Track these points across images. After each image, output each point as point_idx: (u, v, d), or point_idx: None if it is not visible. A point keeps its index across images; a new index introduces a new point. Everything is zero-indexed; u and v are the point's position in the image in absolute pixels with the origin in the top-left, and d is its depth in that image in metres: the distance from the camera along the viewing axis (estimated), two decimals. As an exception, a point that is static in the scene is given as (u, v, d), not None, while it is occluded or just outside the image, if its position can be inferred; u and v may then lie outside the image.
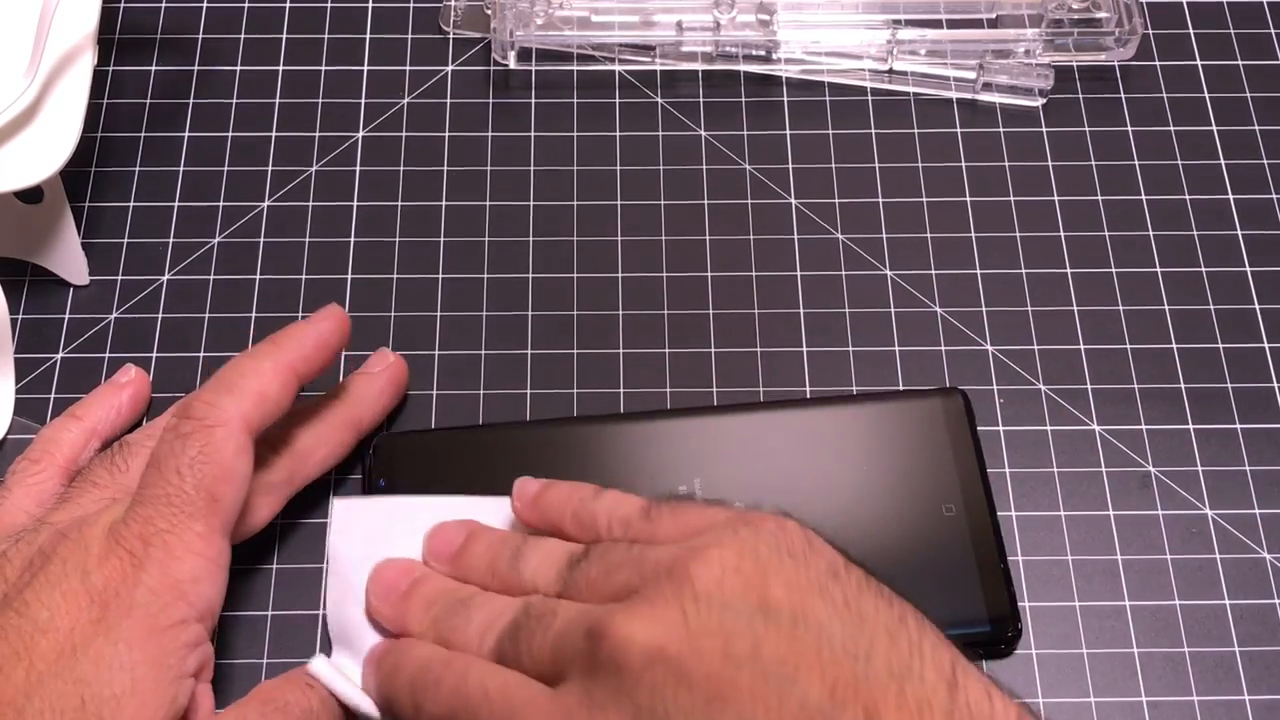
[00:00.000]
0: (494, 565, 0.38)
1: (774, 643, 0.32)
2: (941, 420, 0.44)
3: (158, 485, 0.36)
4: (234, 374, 0.38)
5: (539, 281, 0.48)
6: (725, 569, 0.33)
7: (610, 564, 0.35)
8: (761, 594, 0.32)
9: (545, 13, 0.52)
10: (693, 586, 0.32)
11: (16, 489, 0.40)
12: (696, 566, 0.33)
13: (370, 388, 0.44)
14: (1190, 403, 0.46)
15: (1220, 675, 0.41)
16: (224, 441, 0.36)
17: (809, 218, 0.49)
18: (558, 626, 0.34)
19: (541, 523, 0.39)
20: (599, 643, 0.32)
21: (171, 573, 0.35)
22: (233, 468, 0.36)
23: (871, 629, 0.32)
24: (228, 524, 0.37)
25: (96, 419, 0.42)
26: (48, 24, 0.44)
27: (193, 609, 0.35)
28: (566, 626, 0.34)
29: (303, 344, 0.39)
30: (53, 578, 0.35)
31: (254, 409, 0.37)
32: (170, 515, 0.35)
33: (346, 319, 0.41)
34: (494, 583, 0.38)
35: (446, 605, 0.38)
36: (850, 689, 0.31)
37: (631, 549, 0.35)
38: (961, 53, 0.52)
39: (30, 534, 0.37)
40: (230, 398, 0.37)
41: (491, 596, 0.37)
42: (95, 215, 0.49)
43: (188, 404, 0.37)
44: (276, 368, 0.38)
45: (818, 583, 0.33)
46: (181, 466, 0.36)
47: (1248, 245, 0.49)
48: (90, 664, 0.34)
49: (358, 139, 0.51)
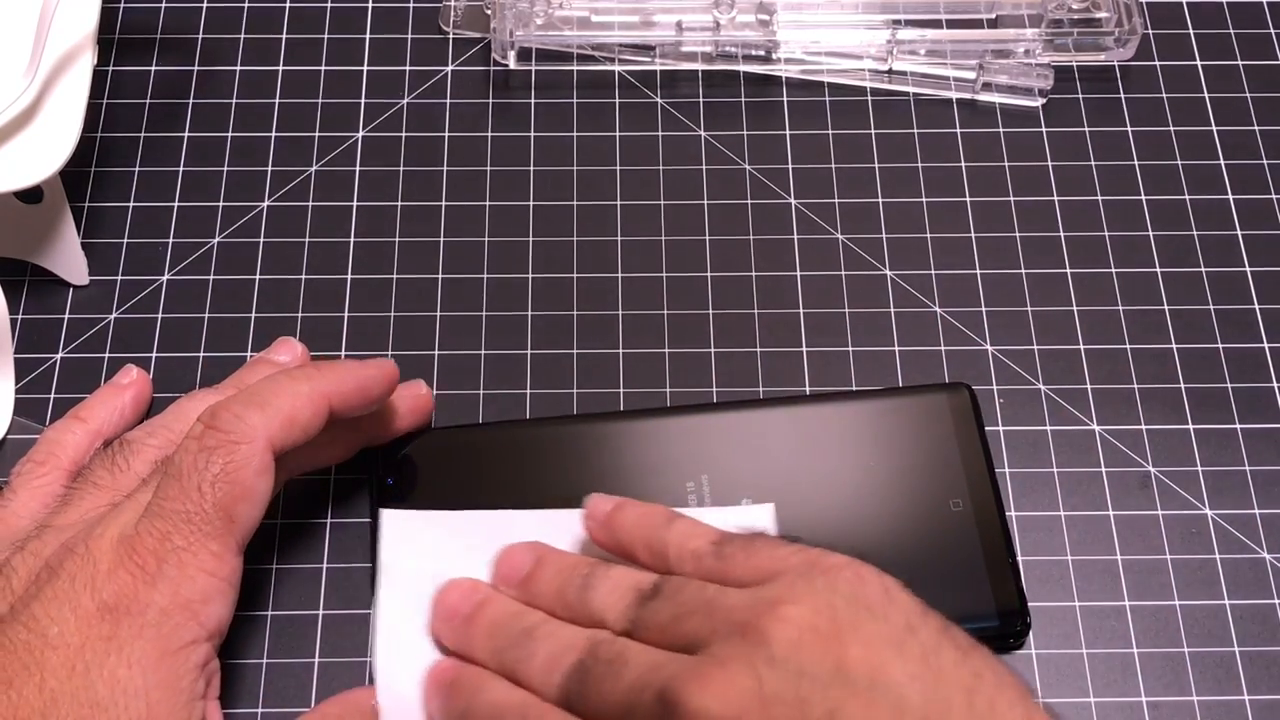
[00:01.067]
0: (563, 592, 0.37)
1: (850, 710, 0.31)
2: (948, 415, 0.44)
3: (177, 499, 0.35)
4: (269, 390, 0.37)
5: (539, 281, 0.48)
6: (801, 629, 0.32)
7: (681, 607, 0.34)
8: (839, 656, 0.32)
9: (545, 13, 0.52)
10: (768, 650, 0.32)
11: (21, 491, 0.39)
12: (772, 625, 0.32)
13: (398, 404, 0.43)
14: (1190, 403, 0.46)
15: (1220, 675, 0.41)
16: (247, 460, 0.36)
17: (809, 218, 0.49)
18: (629, 678, 0.33)
19: (613, 545, 0.38)
20: (672, 710, 0.32)
21: (184, 592, 0.35)
22: (254, 487, 0.36)
23: (949, 689, 0.32)
24: (243, 542, 0.36)
25: (100, 420, 0.42)
26: (48, 24, 0.44)
27: (204, 629, 0.35)
28: (638, 681, 0.33)
29: (344, 381, 0.39)
30: (61, 592, 0.34)
31: (281, 431, 0.36)
32: (188, 532, 0.35)
33: (395, 376, 0.40)
34: (561, 610, 0.37)
35: (512, 636, 0.37)
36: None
37: (704, 591, 0.34)
38: (961, 53, 0.52)
39: (34, 541, 0.37)
40: (260, 414, 0.36)
41: (558, 627, 0.37)
42: (95, 215, 0.49)
43: (215, 413, 0.36)
44: (313, 395, 0.37)
45: (895, 639, 0.32)
46: (204, 483, 0.35)
47: (1248, 245, 0.49)
48: (106, 688, 0.33)
49: (358, 139, 0.51)
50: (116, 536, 0.35)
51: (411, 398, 0.44)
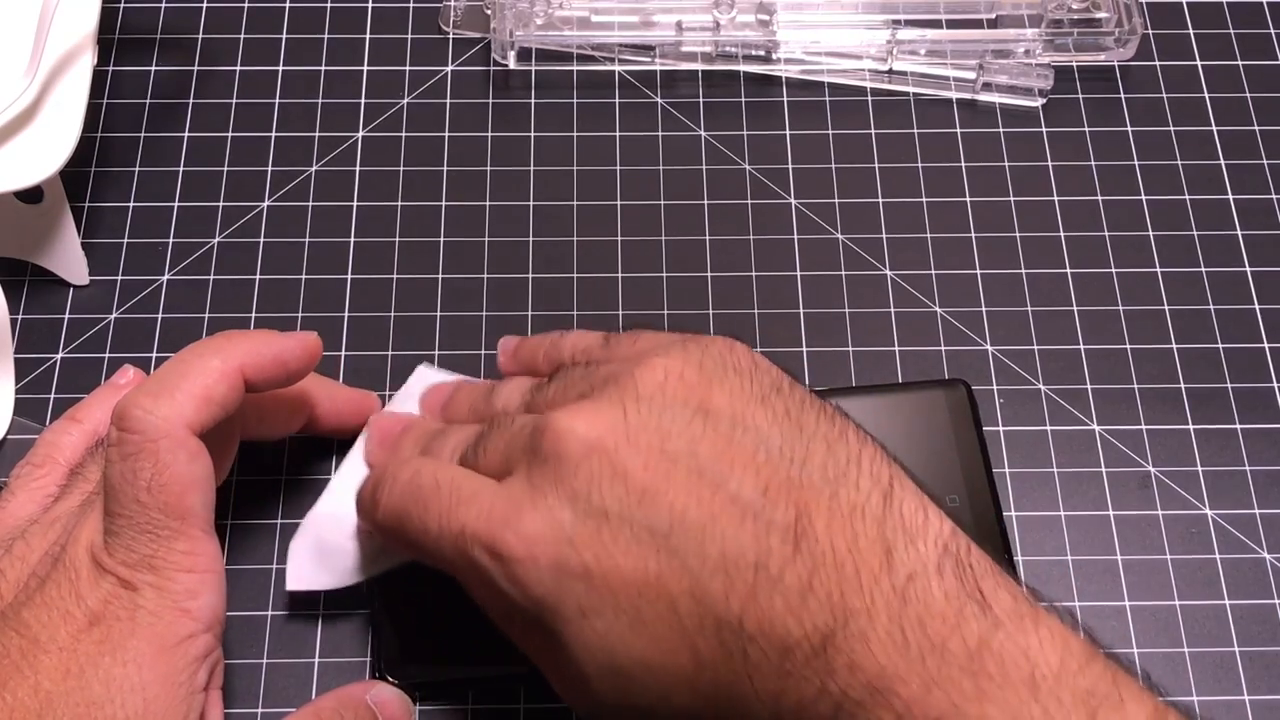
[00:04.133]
0: (474, 407, 0.41)
1: (710, 442, 0.33)
2: (945, 411, 0.44)
3: (123, 515, 0.35)
4: (177, 373, 0.36)
5: (539, 281, 0.48)
6: (669, 374, 0.34)
7: (567, 382, 0.37)
8: (702, 399, 0.34)
9: (545, 13, 0.52)
10: (635, 389, 0.34)
11: (20, 493, 0.39)
12: (640, 371, 0.34)
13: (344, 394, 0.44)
14: (1190, 403, 0.46)
15: (1220, 675, 0.41)
16: (173, 454, 0.35)
17: (809, 218, 0.49)
18: (512, 429, 0.36)
19: (519, 368, 0.42)
20: (542, 435, 0.34)
21: (167, 594, 0.35)
22: (192, 476, 0.35)
23: (810, 438, 0.33)
24: (208, 525, 0.36)
25: (96, 421, 0.42)
26: (48, 24, 0.44)
27: (198, 622, 0.35)
28: (518, 429, 0.36)
29: (260, 351, 0.38)
30: (49, 600, 0.34)
31: (196, 413, 0.36)
32: (148, 542, 0.35)
33: (317, 350, 0.40)
34: (472, 419, 0.40)
35: (430, 436, 0.40)
36: (783, 489, 0.32)
37: (588, 368, 0.37)
38: (961, 53, 0.52)
39: (19, 543, 0.37)
40: (169, 403, 0.35)
41: (467, 425, 0.39)
42: (95, 215, 0.49)
43: (124, 412, 0.35)
44: (225, 369, 0.37)
45: (760, 394, 0.34)
46: (140, 494, 0.35)
47: (1248, 245, 0.49)
48: (101, 685, 0.33)
49: (358, 139, 0.51)
50: (89, 549, 0.35)
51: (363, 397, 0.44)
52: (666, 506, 0.32)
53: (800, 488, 0.32)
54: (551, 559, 0.32)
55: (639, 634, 0.32)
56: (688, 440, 0.33)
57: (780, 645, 0.31)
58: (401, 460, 0.39)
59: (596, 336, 0.40)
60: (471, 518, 0.34)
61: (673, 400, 0.34)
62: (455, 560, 0.35)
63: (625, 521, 0.32)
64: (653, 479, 0.32)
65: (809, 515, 0.31)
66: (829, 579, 0.31)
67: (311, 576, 0.41)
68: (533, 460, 0.34)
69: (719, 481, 0.32)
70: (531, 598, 0.33)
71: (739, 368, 0.35)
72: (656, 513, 0.32)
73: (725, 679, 0.31)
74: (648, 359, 0.35)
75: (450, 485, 0.35)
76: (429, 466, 0.37)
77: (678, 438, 0.33)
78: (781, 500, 0.32)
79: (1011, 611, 0.30)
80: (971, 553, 0.31)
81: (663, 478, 0.32)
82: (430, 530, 0.35)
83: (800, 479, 0.32)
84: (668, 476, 0.32)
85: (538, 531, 0.33)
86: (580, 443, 0.33)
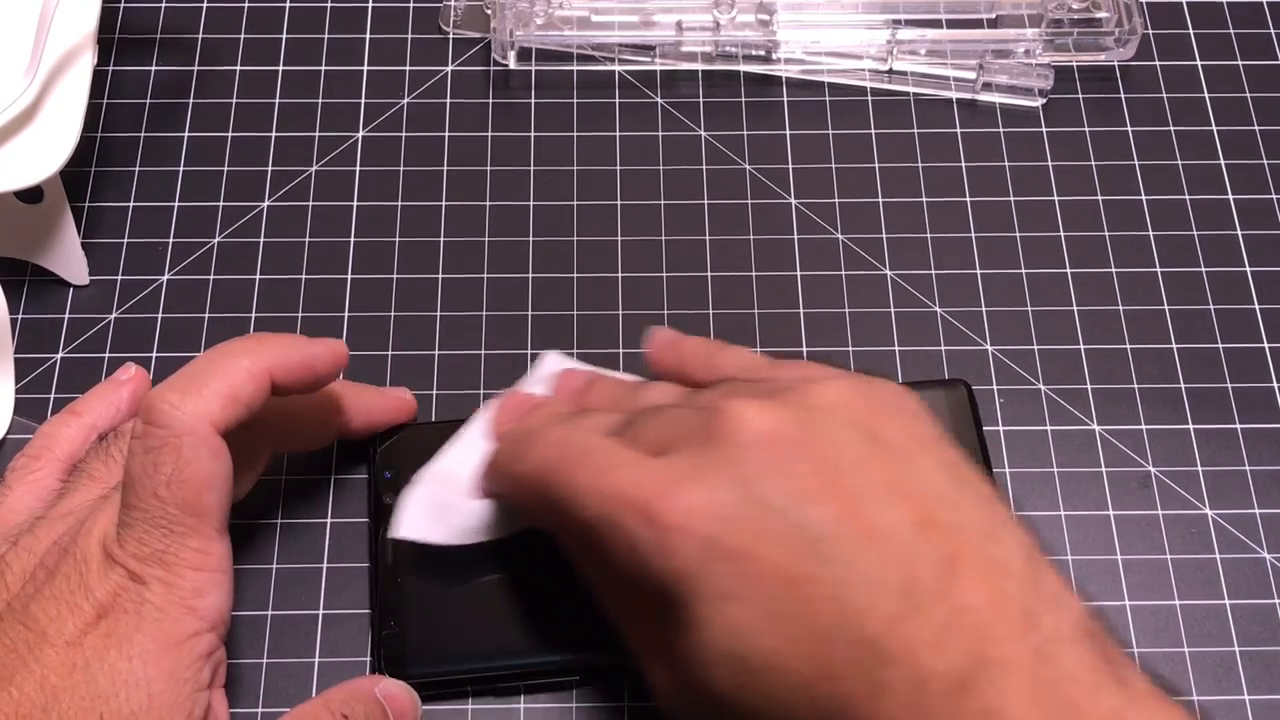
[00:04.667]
0: (616, 397, 0.40)
1: (876, 466, 0.33)
2: (945, 411, 0.44)
3: (139, 507, 0.35)
4: (206, 370, 0.36)
5: (539, 281, 0.48)
6: (843, 396, 0.35)
7: (734, 389, 0.36)
8: (873, 427, 0.34)
9: (545, 13, 0.52)
10: (812, 401, 0.34)
11: (17, 486, 0.39)
12: (817, 387, 0.35)
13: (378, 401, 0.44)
14: (1190, 403, 0.46)
15: (1220, 675, 0.41)
16: (195, 451, 0.35)
17: (809, 218, 0.49)
18: (674, 414, 0.36)
19: (673, 364, 0.41)
20: (714, 417, 0.34)
21: (175, 590, 0.35)
22: (212, 474, 0.35)
23: (965, 490, 0.34)
24: (222, 526, 0.36)
25: (96, 415, 0.42)
26: (48, 24, 0.44)
27: (204, 621, 0.35)
28: (682, 414, 0.36)
29: (288, 354, 0.38)
30: (58, 593, 0.34)
31: (222, 412, 0.35)
32: (160, 536, 0.35)
33: (343, 358, 0.40)
34: (612, 409, 0.39)
35: (566, 415, 0.39)
36: (937, 529, 0.32)
37: (756, 382, 0.37)
38: (961, 53, 0.52)
39: (26, 535, 0.37)
40: (197, 400, 0.35)
41: (608, 412, 0.38)
42: (95, 215, 0.49)
43: (151, 404, 0.35)
44: (253, 370, 0.36)
45: (924, 438, 0.35)
46: (159, 489, 0.34)
47: (1248, 245, 0.49)
48: (107, 680, 0.33)
49: (358, 139, 0.51)
50: (101, 540, 0.35)
51: (395, 399, 0.44)
52: (827, 514, 0.32)
53: (953, 532, 0.32)
54: (705, 534, 0.32)
55: (773, 629, 0.32)
56: (855, 459, 0.33)
57: (916, 675, 0.30)
58: (545, 425, 0.38)
59: (760, 356, 0.40)
60: (627, 481, 0.34)
61: (846, 420, 0.34)
62: (597, 522, 0.34)
63: (784, 517, 0.32)
64: (818, 484, 0.33)
65: (957, 559, 0.32)
66: (970, 624, 0.31)
67: (426, 529, 0.40)
68: (701, 440, 0.34)
69: (879, 504, 0.32)
70: (673, 569, 0.33)
71: (906, 409, 0.35)
72: (816, 517, 0.32)
73: (848, 694, 0.31)
74: (822, 380, 0.35)
75: (604, 449, 0.35)
76: (580, 431, 0.36)
77: (847, 453, 0.33)
78: (935, 538, 0.32)
79: (1146, 693, 0.31)
80: (1107, 635, 0.32)
81: (827, 486, 0.33)
82: (578, 488, 0.35)
83: (954, 523, 0.32)
84: (832, 486, 0.33)
85: (696, 504, 0.33)
86: (754, 431, 0.33)
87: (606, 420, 0.37)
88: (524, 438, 0.38)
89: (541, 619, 0.40)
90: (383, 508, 0.42)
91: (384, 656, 0.40)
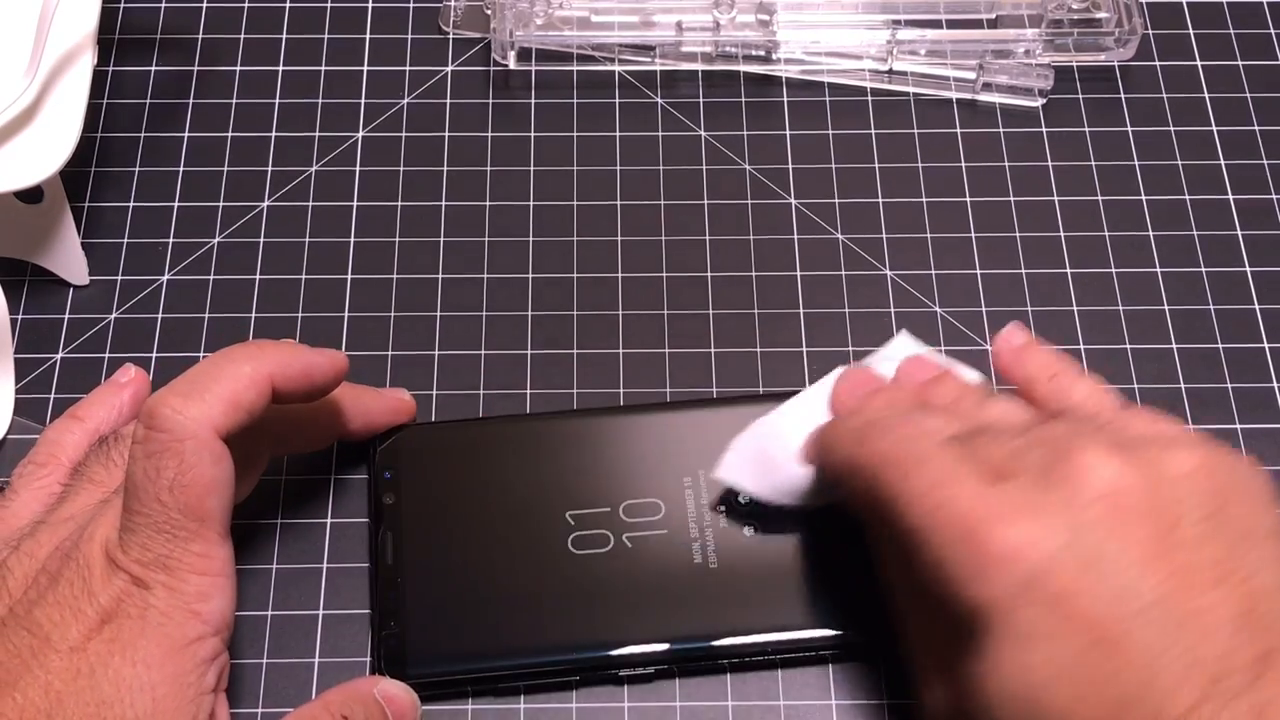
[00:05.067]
0: (961, 401, 0.39)
1: (1216, 546, 0.33)
2: None
3: (142, 512, 0.35)
4: (208, 375, 0.36)
5: (539, 281, 0.48)
6: (1197, 468, 0.34)
7: (1082, 430, 0.35)
8: (1221, 503, 0.33)
9: (545, 13, 0.52)
10: (1165, 466, 0.34)
11: (23, 492, 0.39)
12: (1173, 452, 0.34)
13: (377, 403, 0.44)
14: (1190, 403, 0.46)
15: (1220, 675, 0.41)
16: (197, 455, 0.35)
17: (809, 218, 0.49)
18: (1024, 439, 0.35)
19: (1018, 371, 0.40)
20: (1062, 458, 0.34)
21: (179, 594, 0.35)
22: (214, 479, 0.35)
23: None
24: (224, 530, 0.36)
25: (98, 419, 0.42)
26: (48, 24, 0.44)
27: (207, 625, 0.35)
28: (1032, 442, 0.35)
29: (289, 362, 0.38)
30: (62, 599, 0.34)
31: (224, 417, 0.35)
32: (164, 541, 0.35)
33: (344, 367, 0.40)
34: (953, 411, 0.38)
35: (907, 407, 0.39)
36: (1260, 622, 0.32)
37: (1106, 426, 0.36)
38: (961, 53, 0.52)
39: (28, 540, 0.37)
40: (199, 405, 0.35)
41: (949, 415, 0.38)
42: (95, 215, 0.49)
43: (153, 409, 0.35)
44: (255, 376, 0.36)
45: (1268, 529, 0.34)
46: (161, 493, 0.34)
47: (1248, 245, 0.49)
48: (111, 685, 0.33)
49: (358, 139, 0.51)
50: (104, 545, 0.35)
51: (394, 400, 0.44)
52: (1156, 582, 0.32)
53: (1272, 630, 0.32)
54: (1028, 570, 0.32)
55: (1072, 682, 0.31)
56: (1195, 535, 0.33)
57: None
58: (889, 418, 0.38)
59: (1109, 395, 0.39)
60: (958, 500, 0.33)
61: (1195, 490, 0.33)
62: (918, 532, 0.34)
63: (1113, 576, 0.32)
64: (1154, 551, 0.32)
65: (1273, 657, 0.31)
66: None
67: (747, 478, 0.41)
68: (1043, 477, 0.33)
69: (1209, 584, 0.32)
70: (985, 597, 0.32)
71: (1256, 493, 0.34)
72: (1144, 582, 0.32)
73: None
74: (1176, 445, 0.34)
75: (942, 461, 0.34)
76: (921, 434, 0.36)
77: (1190, 527, 0.33)
78: (1255, 631, 0.32)
79: None
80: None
81: (1163, 555, 0.32)
82: (910, 494, 0.34)
83: (1276, 621, 0.32)
84: (1166, 557, 0.32)
85: (1026, 539, 0.32)
86: (1100, 484, 0.33)
87: (948, 425, 0.37)
88: (866, 426, 0.37)
89: (542, 619, 0.41)
90: (383, 508, 0.42)
91: (384, 657, 0.40)
